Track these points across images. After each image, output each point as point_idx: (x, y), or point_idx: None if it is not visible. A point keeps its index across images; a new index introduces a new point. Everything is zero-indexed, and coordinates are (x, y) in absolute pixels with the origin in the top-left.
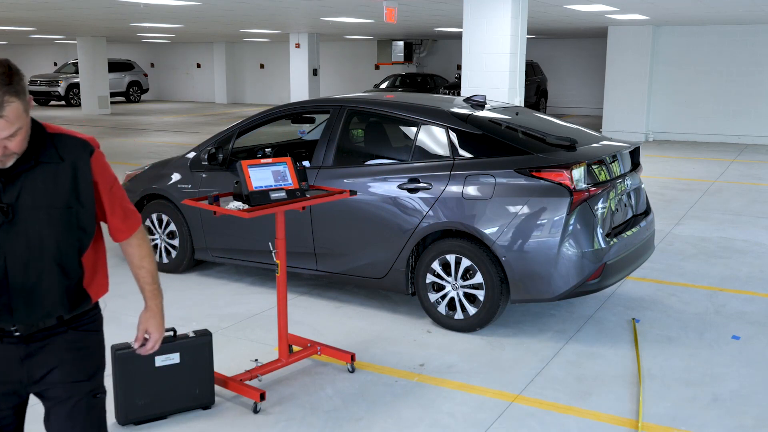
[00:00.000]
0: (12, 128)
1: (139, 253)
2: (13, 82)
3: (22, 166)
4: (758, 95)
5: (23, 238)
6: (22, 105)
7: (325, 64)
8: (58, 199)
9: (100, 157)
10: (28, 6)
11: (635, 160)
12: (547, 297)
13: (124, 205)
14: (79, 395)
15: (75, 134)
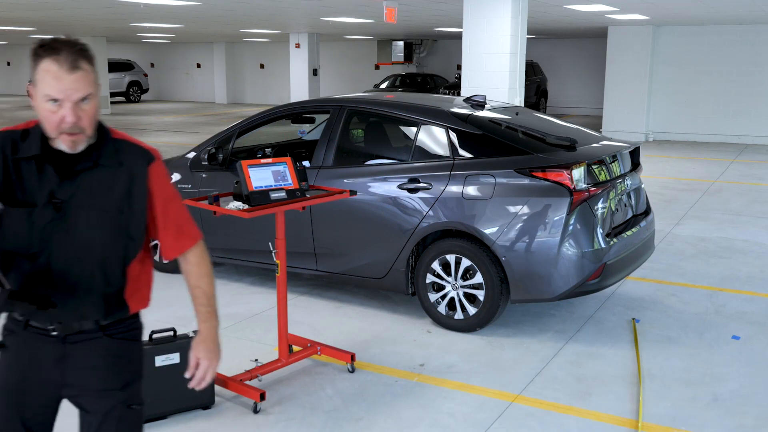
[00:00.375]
0: (86, 88)
1: (197, 271)
2: (87, 50)
3: (82, 165)
4: (758, 95)
5: (71, 236)
6: (94, 73)
7: (325, 64)
8: (111, 203)
9: (160, 169)
10: (28, 6)
11: (635, 160)
12: (547, 297)
13: (179, 223)
14: (111, 404)
15: (138, 143)
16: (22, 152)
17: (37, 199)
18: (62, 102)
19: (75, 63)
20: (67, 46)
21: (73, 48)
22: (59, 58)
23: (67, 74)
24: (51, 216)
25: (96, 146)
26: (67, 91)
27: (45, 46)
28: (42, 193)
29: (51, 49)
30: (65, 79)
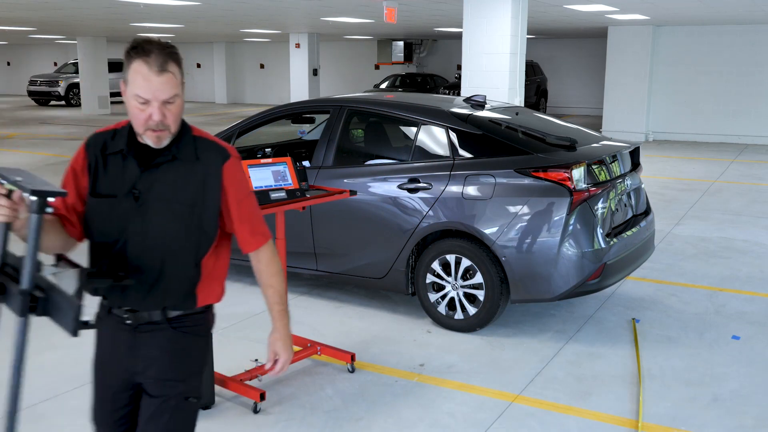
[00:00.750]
0: (173, 90)
1: (268, 271)
2: (172, 51)
3: (161, 158)
4: (758, 95)
5: (147, 227)
6: (180, 75)
7: (325, 64)
8: (185, 196)
9: (235, 167)
10: (28, 6)
11: (635, 160)
12: (547, 297)
13: (253, 220)
14: (169, 394)
15: (216, 140)
16: (110, 148)
17: (118, 191)
18: (150, 102)
19: (163, 66)
20: (158, 48)
21: (163, 51)
22: (149, 60)
23: (155, 76)
24: (130, 206)
25: (175, 141)
26: (155, 92)
27: (137, 48)
28: (124, 185)
29: (142, 51)
30: (153, 81)
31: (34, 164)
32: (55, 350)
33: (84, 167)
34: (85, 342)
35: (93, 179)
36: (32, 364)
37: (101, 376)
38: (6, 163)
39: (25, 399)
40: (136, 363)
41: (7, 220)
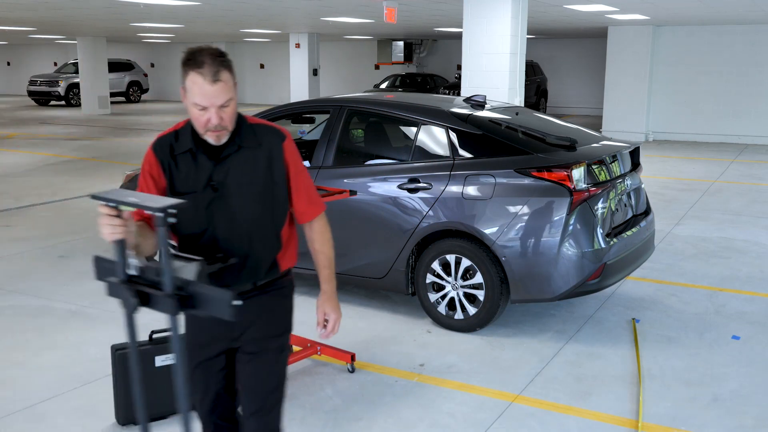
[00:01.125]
0: (226, 95)
1: (320, 238)
2: (225, 58)
3: (228, 151)
4: (758, 95)
5: (229, 212)
6: (232, 79)
7: (325, 64)
8: (257, 179)
9: (291, 144)
10: (28, 6)
11: (635, 160)
12: (547, 297)
13: (309, 192)
14: (266, 350)
15: (271, 124)
16: (177, 149)
17: (197, 186)
18: (208, 108)
19: (216, 76)
20: (209, 58)
21: (215, 61)
22: (203, 72)
23: (210, 86)
24: (211, 197)
25: (236, 132)
26: (211, 99)
27: (191, 60)
28: (200, 179)
29: (195, 63)
30: (208, 90)
31: (34, 164)
32: (55, 350)
33: (159, 170)
34: (85, 342)
35: (170, 180)
36: (32, 364)
37: (198, 349)
38: (6, 164)
39: (25, 399)
40: (233, 331)
41: (122, 237)
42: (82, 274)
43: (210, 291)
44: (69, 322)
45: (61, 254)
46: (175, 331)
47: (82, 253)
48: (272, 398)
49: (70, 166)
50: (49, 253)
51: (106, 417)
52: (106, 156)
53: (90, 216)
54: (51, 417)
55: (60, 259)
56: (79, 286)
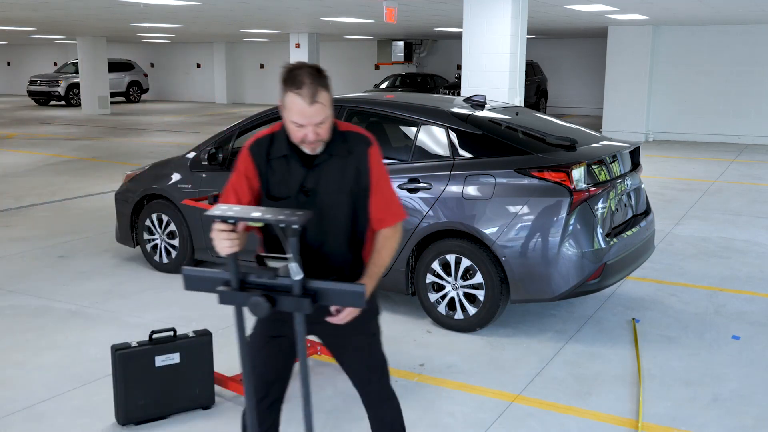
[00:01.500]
0: (323, 115)
1: (384, 242)
2: (321, 78)
3: (320, 159)
4: (758, 95)
5: (318, 215)
6: (329, 97)
7: (325, 64)
8: (345, 186)
9: (376, 150)
10: (28, 6)
11: (635, 160)
12: (547, 297)
13: (387, 199)
14: (360, 335)
15: (358, 130)
16: (273, 154)
17: (290, 191)
18: (305, 125)
19: (314, 98)
20: (308, 79)
21: (313, 82)
22: (301, 93)
23: (308, 107)
24: (303, 201)
25: (329, 140)
26: (309, 119)
27: (290, 81)
28: (293, 184)
29: (294, 84)
30: (306, 111)
31: (34, 164)
32: (55, 350)
33: (254, 172)
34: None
35: (265, 183)
36: (32, 364)
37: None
38: (6, 164)
39: (25, 399)
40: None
41: (238, 249)
42: (82, 274)
43: (340, 286)
44: (69, 322)
45: (61, 254)
46: (301, 327)
47: (82, 253)
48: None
49: (70, 166)
50: (49, 253)
51: (106, 417)
52: (106, 156)
53: (90, 216)
54: (51, 417)
55: (60, 259)
56: (79, 286)
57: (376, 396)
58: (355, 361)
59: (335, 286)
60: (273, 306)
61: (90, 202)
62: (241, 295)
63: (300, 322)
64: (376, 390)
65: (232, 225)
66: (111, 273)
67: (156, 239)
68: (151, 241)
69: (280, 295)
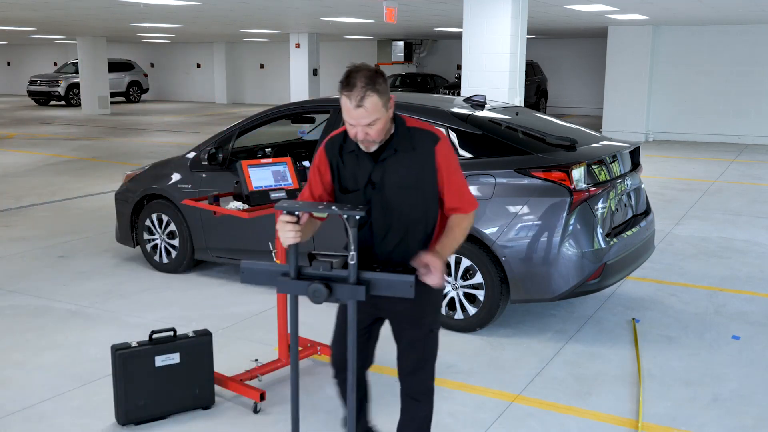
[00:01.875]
0: (370, 118)
1: (457, 222)
2: (376, 83)
3: (386, 154)
4: (758, 95)
5: (385, 207)
6: (381, 101)
7: (325, 64)
8: (410, 179)
9: (444, 148)
10: (28, 6)
11: (635, 160)
12: (547, 297)
13: (460, 190)
14: (417, 328)
15: (427, 127)
16: (345, 149)
17: (359, 184)
18: (354, 125)
19: (361, 102)
20: (362, 81)
21: (365, 85)
22: (351, 95)
23: (353, 109)
24: (370, 194)
25: (393, 136)
26: (356, 119)
27: (344, 81)
28: (362, 178)
29: (347, 85)
30: (354, 113)
31: (34, 164)
32: (55, 350)
33: (326, 167)
34: (86, 342)
35: (337, 177)
36: (32, 364)
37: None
38: (6, 164)
39: (25, 399)
40: (380, 303)
41: (299, 240)
42: (82, 274)
43: (390, 276)
44: (69, 322)
45: (61, 254)
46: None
47: (82, 253)
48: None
49: (70, 166)
50: (49, 253)
51: (106, 417)
52: (106, 156)
53: (90, 216)
54: (51, 417)
55: (60, 259)
56: (79, 286)
57: (413, 389)
58: (406, 351)
59: (385, 276)
60: (330, 294)
61: (90, 202)
62: (301, 284)
63: (353, 309)
64: (414, 384)
65: (296, 217)
66: (111, 273)
67: (156, 239)
68: (151, 241)
69: (337, 284)
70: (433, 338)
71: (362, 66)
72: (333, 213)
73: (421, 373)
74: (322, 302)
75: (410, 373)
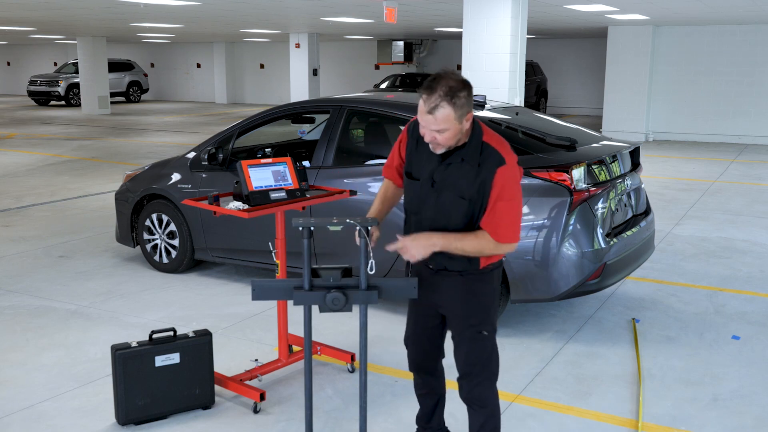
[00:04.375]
0: (438, 126)
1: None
2: (454, 96)
3: (453, 159)
4: (758, 95)
5: (437, 205)
6: (455, 114)
7: (325, 64)
8: (467, 191)
9: (506, 172)
10: (28, 6)
11: (635, 160)
12: (547, 297)
13: (498, 221)
14: (464, 328)
15: (498, 147)
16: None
17: (422, 176)
18: (424, 127)
19: (433, 109)
20: (439, 90)
21: (442, 95)
22: (426, 100)
23: (425, 114)
24: (428, 188)
25: (466, 145)
26: (426, 123)
27: (426, 82)
28: (426, 173)
29: (427, 87)
30: (425, 117)
31: (33, 164)
32: (55, 350)
33: (404, 145)
34: (85, 342)
35: (409, 160)
36: (32, 364)
37: (416, 305)
38: (6, 164)
39: (25, 399)
40: (437, 298)
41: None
42: (82, 274)
43: (394, 281)
44: (69, 322)
45: (61, 254)
46: (363, 318)
47: (82, 253)
48: (476, 369)
49: (70, 166)
50: (49, 253)
51: (105, 417)
52: (106, 156)
53: (90, 216)
54: (50, 417)
55: (60, 259)
56: (79, 286)
57: (465, 394)
58: (456, 351)
59: (392, 282)
60: (347, 300)
61: (90, 202)
62: (317, 294)
63: (364, 314)
64: (468, 387)
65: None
66: (111, 273)
67: (156, 239)
68: (151, 241)
69: (350, 291)
70: (482, 341)
71: (451, 75)
72: (348, 225)
73: (473, 378)
74: (340, 309)
75: (462, 377)
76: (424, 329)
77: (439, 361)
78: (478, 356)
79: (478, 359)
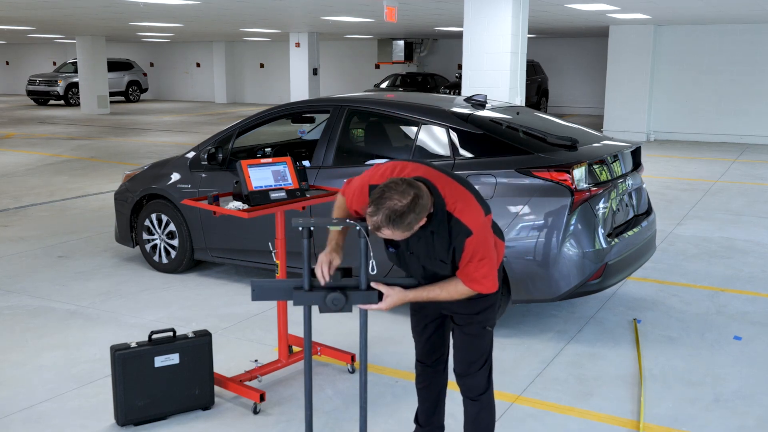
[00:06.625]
0: (388, 237)
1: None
2: (397, 221)
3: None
4: (760, 94)
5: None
6: (402, 231)
7: (325, 63)
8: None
9: (474, 241)
10: (28, 6)
11: (637, 160)
12: (548, 297)
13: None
14: (470, 324)
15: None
16: None
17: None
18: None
19: (376, 229)
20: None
21: (383, 218)
22: (370, 218)
23: (371, 228)
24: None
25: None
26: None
27: (372, 196)
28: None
29: (372, 202)
30: (371, 228)
31: (33, 164)
32: (54, 350)
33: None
34: (85, 342)
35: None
36: (32, 364)
37: (419, 309)
38: (5, 163)
39: (24, 399)
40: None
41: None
42: (81, 274)
43: (394, 281)
44: (68, 322)
45: (61, 254)
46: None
47: (82, 253)
48: (475, 366)
49: (69, 165)
50: (48, 253)
51: (105, 417)
52: (106, 156)
53: (89, 216)
54: (50, 417)
55: (59, 259)
56: (78, 286)
57: (465, 390)
58: (457, 346)
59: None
60: (347, 301)
61: (89, 202)
62: (317, 295)
63: (364, 314)
64: (469, 379)
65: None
66: (110, 273)
67: (155, 239)
68: (151, 241)
69: (350, 292)
70: (485, 336)
71: (395, 191)
72: (349, 225)
73: (473, 370)
74: (340, 310)
75: (462, 370)
76: (426, 327)
77: (445, 353)
78: (481, 350)
79: (481, 353)
